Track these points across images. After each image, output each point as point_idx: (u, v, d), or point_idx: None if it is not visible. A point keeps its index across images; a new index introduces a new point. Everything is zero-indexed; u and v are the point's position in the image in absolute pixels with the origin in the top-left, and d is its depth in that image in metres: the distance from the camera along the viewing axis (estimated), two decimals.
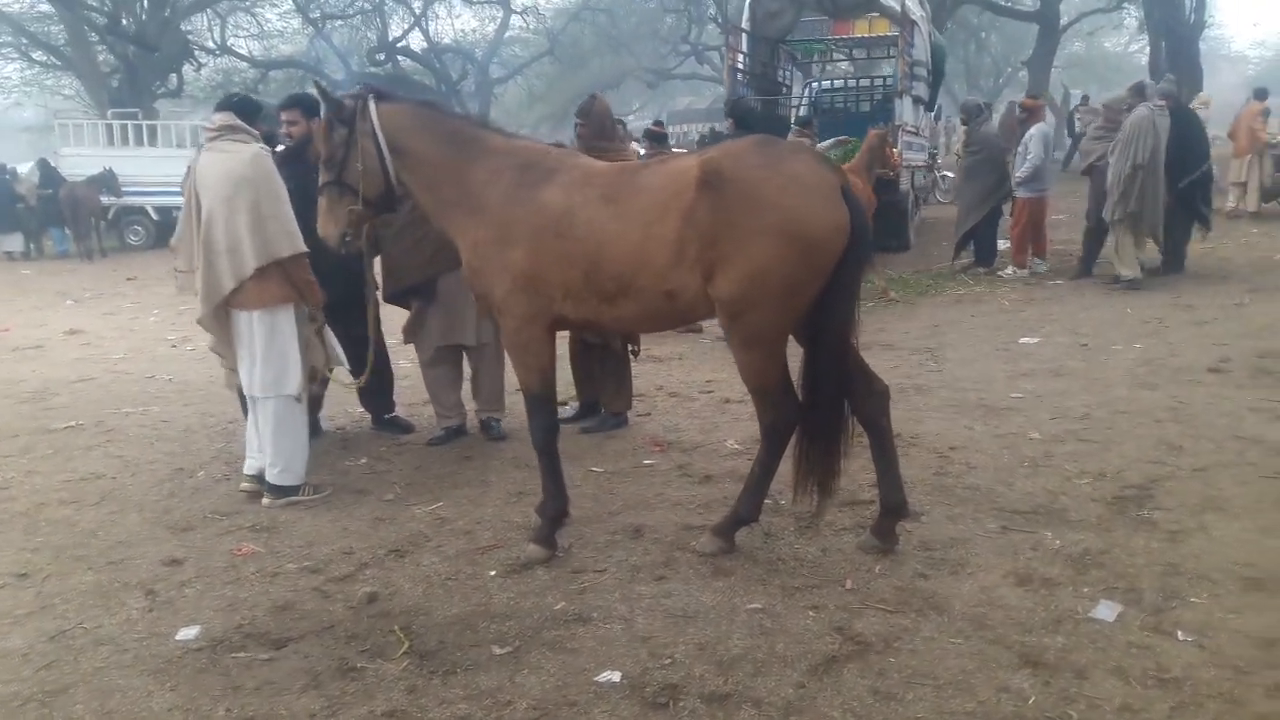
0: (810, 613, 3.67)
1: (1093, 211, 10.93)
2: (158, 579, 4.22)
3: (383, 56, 35.56)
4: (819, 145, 11.93)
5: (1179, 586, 3.73)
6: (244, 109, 4.95)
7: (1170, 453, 5.19)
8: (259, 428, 5.05)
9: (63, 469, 5.84)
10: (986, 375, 7.09)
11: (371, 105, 4.20)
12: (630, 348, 6.26)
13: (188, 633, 3.71)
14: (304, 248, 4.84)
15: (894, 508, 4.12)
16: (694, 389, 7.25)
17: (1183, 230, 10.60)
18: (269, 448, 5.00)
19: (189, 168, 4.92)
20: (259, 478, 5.12)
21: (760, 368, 3.93)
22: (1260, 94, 15.40)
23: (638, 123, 43.15)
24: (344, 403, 6.72)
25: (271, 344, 4.89)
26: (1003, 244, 12.18)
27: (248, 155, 4.76)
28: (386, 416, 6.40)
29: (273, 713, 3.17)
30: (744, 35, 15.45)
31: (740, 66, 14.88)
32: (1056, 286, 10.84)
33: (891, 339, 8.62)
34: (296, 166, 5.72)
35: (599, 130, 6.04)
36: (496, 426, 6.09)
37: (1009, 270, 11.62)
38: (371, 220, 4.54)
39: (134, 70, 27.16)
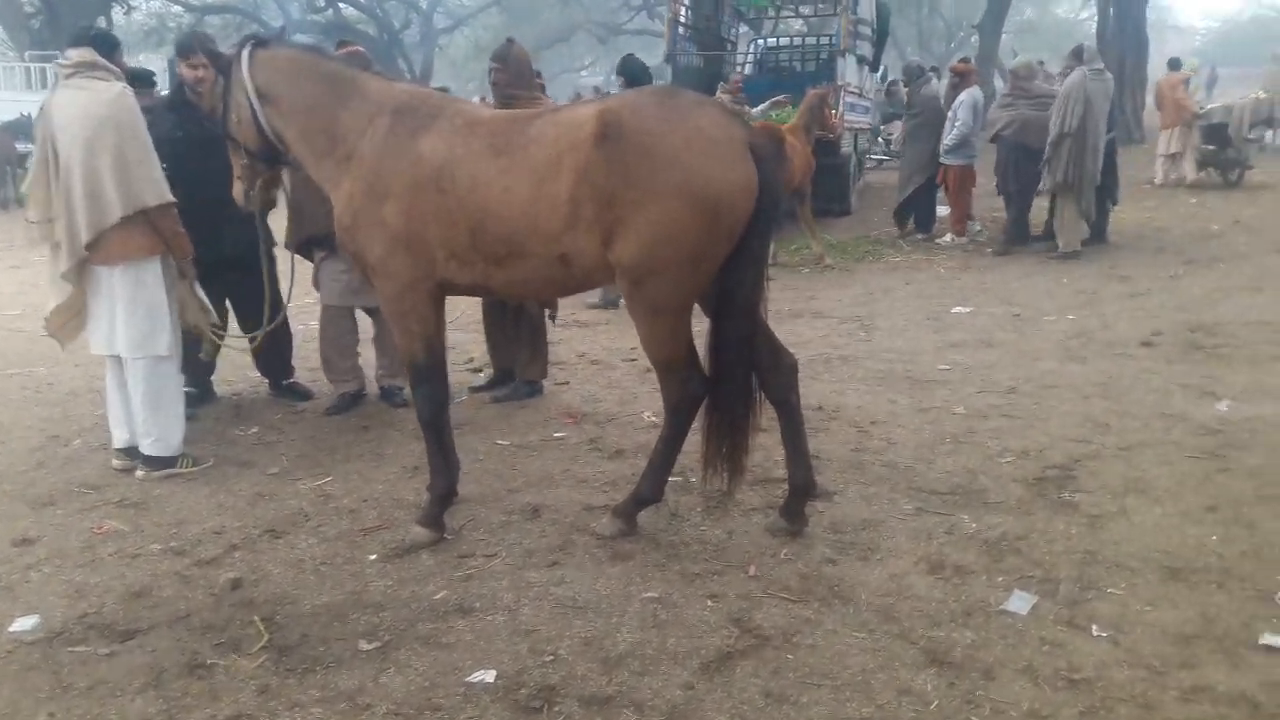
0: (709, 602, 3.43)
1: (1001, 182, 10.75)
2: (2, 561, 3.86)
3: (323, 3, 34.32)
4: (755, 109, 11.62)
5: (1096, 576, 3.54)
6: (102, 44, 4.49)
7: (1095, 430, 5.01)
8: (130, 392, 4.65)
9: None
10: (916, 346, 6.88)
11: (244, 54, 3.90)
12: (548, 313, 5.94)
13: (24, 623, 3.37)
14: (171, 197, 4.46)
15: (803, 487, 3.88)
16: (617, 356, 6.95)
17: (1100, 201, 10.46)
18: (140, 415, 4.62)
19: (41, 107, 4.46)
20: (130, 450, 4.73)
21: (664, 339, 3.65)
22: (1174, 64, 15.33)
23: (589, 79, 42.32)
24: (241, 366, 6.30)
25: (136, 299, 4.49)
26: (943, 210, 11.99)
27: (109, 95, 4.32)
28: (284, 382, 6.01)
29: (102, 717, 2.85)
30: None
31: (682, 21, 14.42)
32: (994, 254, 10.68)
33: (823, 307, 8.38)
34: (185, 112, 5.32)
35: (516, 77, 5.67)
36: (399, 394, 5.72)
37: (947, 238, 11.45)
38: (266, 175, 4.19)
39: (55, 12, 25.82)
